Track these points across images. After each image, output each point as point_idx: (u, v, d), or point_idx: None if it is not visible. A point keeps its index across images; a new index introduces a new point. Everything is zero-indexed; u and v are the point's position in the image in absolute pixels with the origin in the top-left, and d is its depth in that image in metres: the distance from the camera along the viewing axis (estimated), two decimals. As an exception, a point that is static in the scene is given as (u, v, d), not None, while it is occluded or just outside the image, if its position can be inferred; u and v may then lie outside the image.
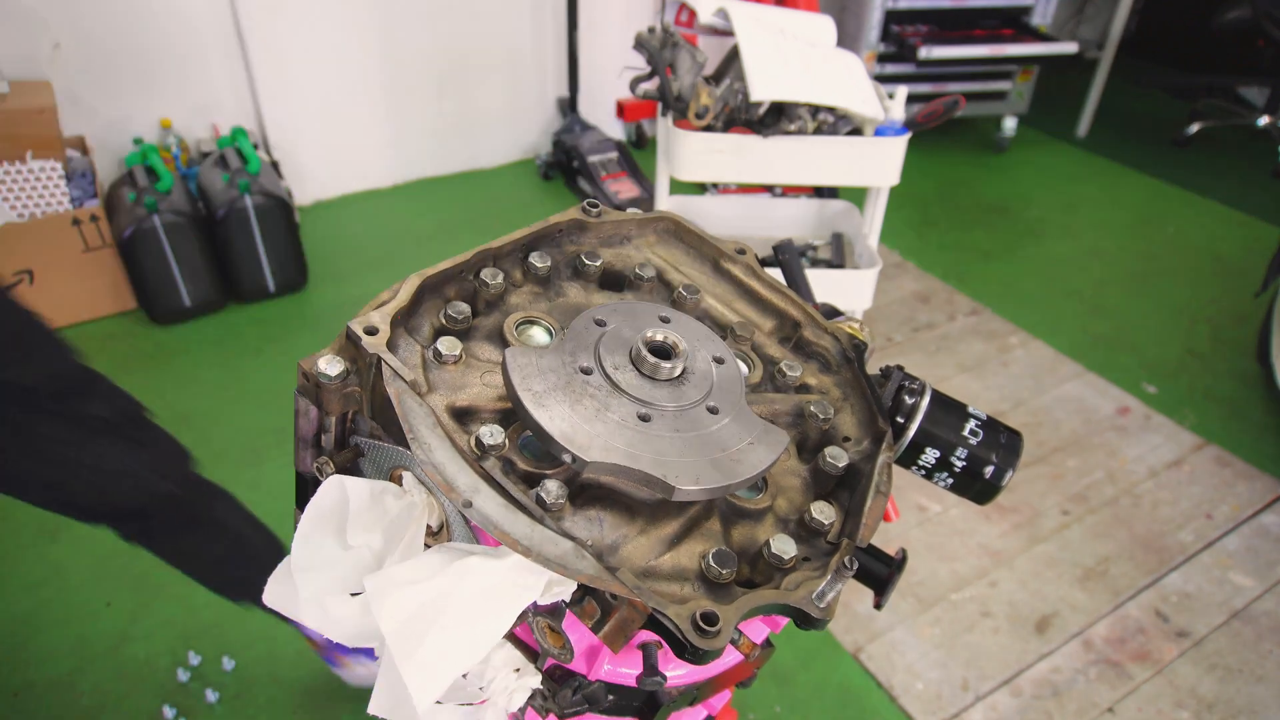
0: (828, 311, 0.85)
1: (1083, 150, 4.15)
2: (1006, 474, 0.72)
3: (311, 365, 0.61)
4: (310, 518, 0.61)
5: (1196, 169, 3.97)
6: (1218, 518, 2.19)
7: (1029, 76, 3.89)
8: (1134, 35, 4.81)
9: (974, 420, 0.72)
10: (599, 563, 0.55)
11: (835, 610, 0.58)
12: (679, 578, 0.59)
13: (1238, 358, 2.76)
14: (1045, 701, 1.74)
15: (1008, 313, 2.93)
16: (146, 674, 1.69)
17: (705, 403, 0.64)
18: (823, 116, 2.11)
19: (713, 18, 2.12)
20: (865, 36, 3.57)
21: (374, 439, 0.65)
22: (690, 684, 0.69)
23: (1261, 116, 3.84)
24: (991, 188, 3.78)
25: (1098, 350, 2.78)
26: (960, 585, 1.97)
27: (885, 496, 0.67)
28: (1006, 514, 2.17)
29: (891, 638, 1.85)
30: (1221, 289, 3.12)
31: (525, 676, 0.66)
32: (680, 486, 0.57)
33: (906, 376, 0.74)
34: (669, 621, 0.54)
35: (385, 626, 0.54)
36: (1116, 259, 3.30)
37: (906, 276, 3.12)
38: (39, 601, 1.81)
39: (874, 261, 2.20)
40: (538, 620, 0.59)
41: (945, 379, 2.61)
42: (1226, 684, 1.79)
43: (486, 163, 3.77)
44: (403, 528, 0.62)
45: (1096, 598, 1.96)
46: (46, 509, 1.23)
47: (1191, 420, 2.50)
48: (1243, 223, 3.57)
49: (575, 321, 0.66)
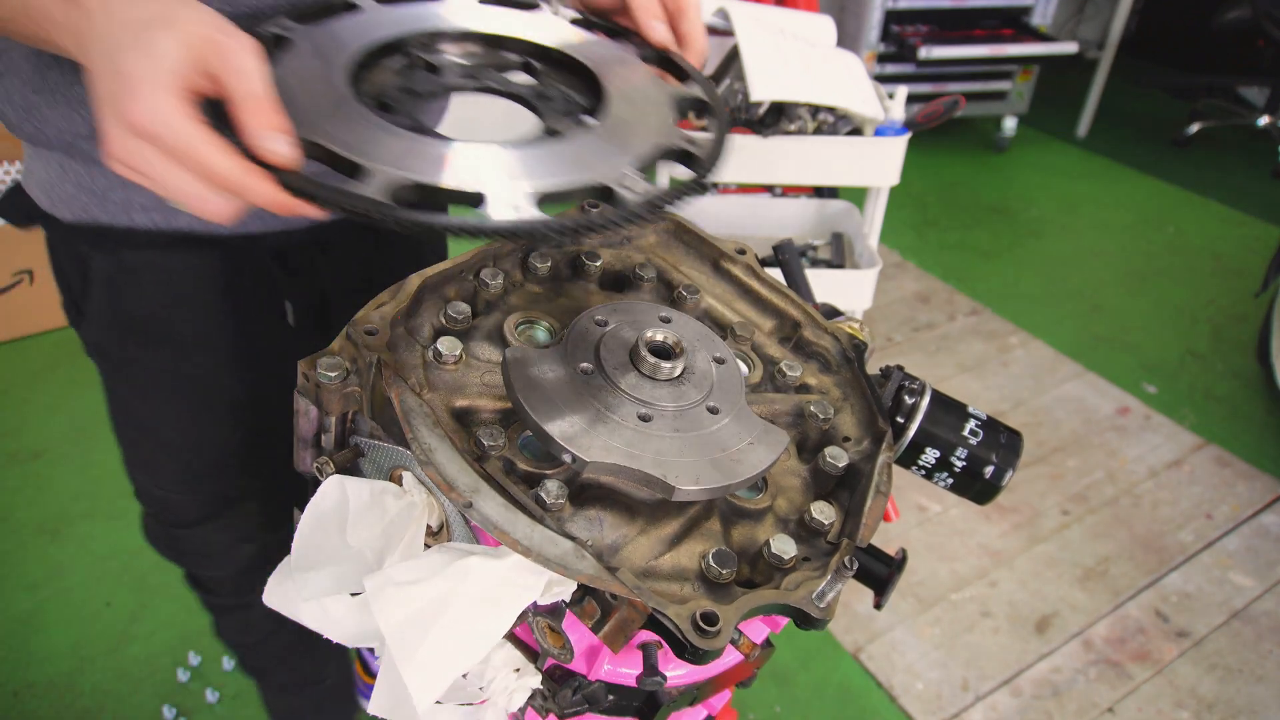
0: (828, 311, 0.85)
1: (1083, 150, 4.15)
2: (1006, 474, 0.72)
3: (311, 365, 0.61)
4: (310, 518, 0.61)
5: (1196, 169, 3.97)
6: (1218, 518, 2.19)
7: (1029, 76, 3.89)
8: (1134, 35, 4.81)
9: (974, 420, 0.72)
10: (599, 563, 0.55)
11: (835, 610, 0.58)
12: (679, 578, 0.59)
13: (1238, 358, 2.76)
14: (1045, 701, 1.75)
15: (1008, 313, 2.93)
16: (146, 674, 1.69)
17: (705, 403, 0.64)
18: (823, 116, 2.11)
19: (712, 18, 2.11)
20: (865, 36, 3.57)
21: (374, 439, 0.65)
22: (690, 684, 0.69)
23: (1261, 116, 3.84)
24: (991, 188, 3.78)
25: (1098, 350, 2.78)
26: (960, 585, 1.97)
27: (885, 496, 0.67)
28: (1006, 514, 2.17)
29: (891, 638, 1.85)
30: (1221, 289, 3.12)
31: (525, 676, 0.66)
32: (680, 486, 0.57)
33: (906, 376, 0.74)
34: (669, 621, 0.54)
35: (385, 627, 0.54)
36: (1116, 259, 3.30)
37: (906, 276, 3.12)
38: (39, 601, 1.81)
39: (874, 261, 2.20)
40: (538, 620, 0.59)
41: (945, 379, 2.61)
42: (1226, 684, 1.79)
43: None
44: (403, 528, 0.62)
45: (1096, 598, 1.96)
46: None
47: (1191, 420, 2.50)
48: (1243, 223, 3.57)
49: (575, 321, 0.66)
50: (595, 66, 0.74)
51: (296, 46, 0.65)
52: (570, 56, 0.76)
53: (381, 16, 0.73)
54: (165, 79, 0.50)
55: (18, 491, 2.05)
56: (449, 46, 0.76)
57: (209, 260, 0.90)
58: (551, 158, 0.61)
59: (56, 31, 0.57)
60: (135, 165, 0.52)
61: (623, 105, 0.70)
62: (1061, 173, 3.96)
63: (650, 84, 0.75)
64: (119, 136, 0.51)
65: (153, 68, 0.50)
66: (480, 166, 0.57)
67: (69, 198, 0.86)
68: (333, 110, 0.59)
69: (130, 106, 0.50)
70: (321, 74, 0.62)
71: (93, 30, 0.53)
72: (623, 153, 0.63)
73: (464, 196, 0.55)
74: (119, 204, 0.85)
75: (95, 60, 0.53)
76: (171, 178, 0.52)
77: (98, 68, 0.52)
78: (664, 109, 0.72)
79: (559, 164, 0.60)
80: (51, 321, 2.53)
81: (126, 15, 0.53)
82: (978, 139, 4.17)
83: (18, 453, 2.15)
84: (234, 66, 0.52)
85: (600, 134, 0.66)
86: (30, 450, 2.16)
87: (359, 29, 0.70)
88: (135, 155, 0.51)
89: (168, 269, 0.89)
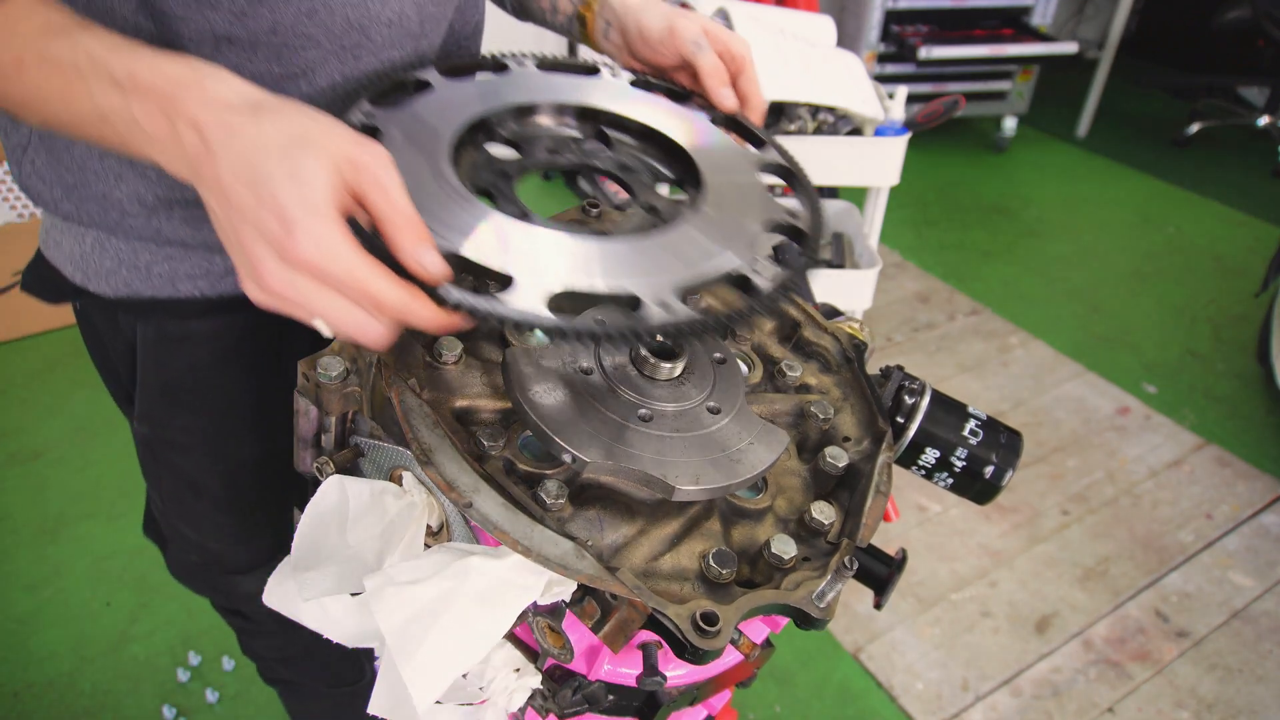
0: (828, 311, 0.85)
1: (1083, 150, 4.15)
2: (1006, 474, 0.72)
3: (311, 365, 0.61)
4: (310, 518, 0.61)
5: (1196, 169, 3.97)
6: (1218, 518, 2.19)
7: (1029, 76, 3.89)
8: (1134, 35, 4.81)
9: (974, 420, 0.72)
10: (599, 563, 0.55)
11: (835, 610, 0.58)
12: (679, 578, 0.59)
13: (1238, 358, 2.76)
14: (1045, 701, 1.75)
15: (1008, 313, 2.93)
16: (146, 674, 1.69)
17: (705, 403, 0.64)
18: (823, 116, 2.11)
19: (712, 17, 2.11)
20: (865, 36, 3.57)
21: (374, 439, 0.65)
22: (690, 684, 0.69)
23: (1261, 116, 3.84)
24: (991, 188, 3.78)
25: (1098, 350, 2.78)
26: (960, 585, 1.97)
27: (885, 496, 0.67)
28: (1006, 514, 2.17)
29: (891, 638, 1.85)
30: (1221, 289, 3.12)
31: (525, 676, 0.66)
32: (680, 486, 0.57)
33: (906, 376, 0.74)
34: (669, 621, 0.54)
35: (385, 627, 0.54)
36: (1116, 259, 3.30)
37: (906, 276, 3.12)
38: (39, 601, 1.81)
39: (874, 261, 2.20)
40: (538, 620, 0.59)
41: (945, 379, 2.61)
42: (1226, 684, 1.79)
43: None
44: (403, 528, 0.62)
45: (1096, 598, 1.96)
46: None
47: (1191, 420, 2.50)
48: (1243, 223, 3.57)
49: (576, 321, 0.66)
50: (673, 133, 0.75)
51: (389, 137, 0.64)
52: (648, 126, 0.76)
53: (455, 94, 0.73)
54: (324, 209, 0.48)
55: (17, 491, 2.05)
56: (527, 121, 0.76)
57: (251, 319, 0.87)
58: (679, 247, 0.61)
59: (154, 148, 0.53)
60: (292, 298, 0.49)
61: (716, 178, 0.70)
62: (1061, 173, 3.95)
63: (732, 152, 0.75)
64: (277, 271, 0.49)
65: (307, 197, 0.48)
66: (620, 266, 0.58)
67: (107, 272, 0.82)
68: (456, 210, 0.58)
69: (294, 242, 0.47)
70: (430, 170, 0.62)
71: (217, 155, 0.50)
72: (739, 235, 0.64)
73: (619, 300, 0.56)
74: (164, 276, 0.82)
75: (230, 189, 0.49)
76: (334, 309, 0.49)
77: (237, 198, 0.49)
78: (754, 179, 0.72)
79: (689, 255, 0.61)
80: (51, 321, 2.53)
81: (259, 139, 0.49)
82: (978, 139, 4.17)
83: (18, 453, 2.15)
84: (379, 184, 0.50)
85: (712, 216, 0.65)
86: (30, 450, 2.16)
87: (440, 111, 0.70)
88: (293, 288, 0.49)
89: (213, 332, 0.86)
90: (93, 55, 0.52)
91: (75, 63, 0.53)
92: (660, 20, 0.82)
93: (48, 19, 0.54)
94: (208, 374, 0.89)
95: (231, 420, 0.93)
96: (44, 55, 0.53)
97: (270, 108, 0.51)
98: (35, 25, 0.54)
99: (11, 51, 0.54)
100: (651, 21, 0.83)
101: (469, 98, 0.73)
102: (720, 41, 0.83)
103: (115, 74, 0.52)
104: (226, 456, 0.95)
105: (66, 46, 0.53)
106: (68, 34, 0.54)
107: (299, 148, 0.49)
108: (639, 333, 0.54)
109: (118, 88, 0.52)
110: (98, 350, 0.93)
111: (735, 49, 0.83)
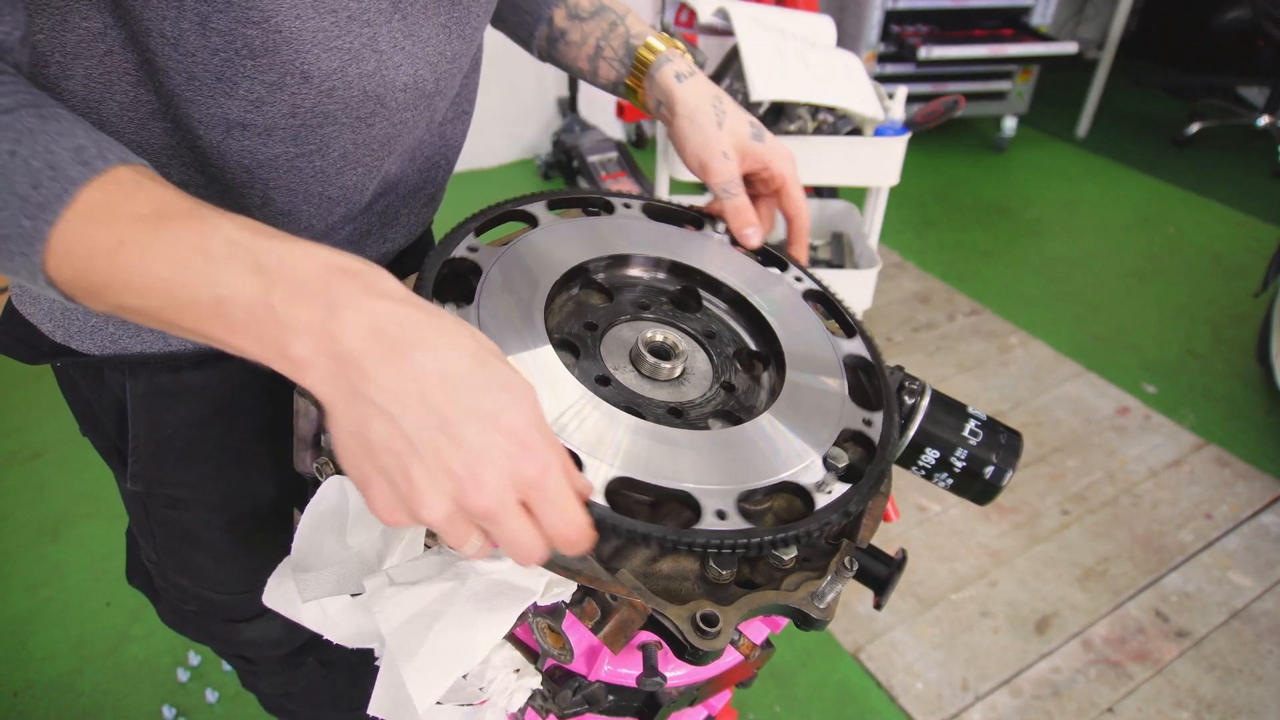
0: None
1: (1083, 150, 4.15)
2: (1006, 474, 0.72)
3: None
4: (310, 518, 0.61)
5: (1196, 169, 3.97)
6: (1218, 518, 2.19)
7: (1029, 76, 3.89)
8: (1134, 35, 4.81)
9: (974, 420, 0.72)
10: (599, 563, 0.55)
11: (835, 611, 0.58)
12: (679, 578, 0.59)
13: (1238, 358, 2.76)
14: (1045, 701, 1.75)
15: (1008, 313, 2.93)
16: (146, 674, 1.69)
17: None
18: (823, 116, 2.11)
19: (712, 18, 2.11)
20: (865, 36, 3.57)
21: (374, 439, 0.65)
22: (690, 684, 0.69)
23: (1261, 116, 3.84)
24: (991, 188, 3.78)
25: (1097, 350, 2.78)
26: (960, 585, 1.97)
27: (885, 496, 0.67)
28: (1006, 514, 2.17)
29: (891, 638, 1.85)
30: (1221, 289, 3.12)
31: (525, 677, 0.66)
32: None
33: (906, 377, 0.74)
34: (669, 622, 0.54)
35: (385, 628, 0.54)
36: (1116, 259, 3.30)
37: (906, 276, 3.12)
38: (39, 601, 1.81)
39: (874, 261, 2.20)
40: (538, 621, 0.59)
41: (945, 379, 2.61)
42: (1226, 684, 1.79)
43: (486, 162, 3.77)
44: (403, 529, 0.62)
45: (1096, 598, 1.96)
46: None
47: (1191, 420, 2.50)
48: (1243, 223, 3.57)
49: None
50: (761, 306, 0.75)
51: (489, 279, 0.65)
52: (739, 293, 0.76)
53: (557, 236, 0.72)
54: (502, 463, 0.46)
55: (18, 492, 2.05)
56: (622, 269, 0.76)
57: (248, 366, 0.82)
58: (747, 448, 0.61)
59: (282, 342, 0.48)
60: (461, 537, 0.49)
61: (798, 366, 0.69)
62: (1061, 173, 3.95)
63: (819, 336, 0.74)
64: (453, 517, 0.47)
65: (483, 453, 0.46)
66: (687, 461, 0.58)
67: (93, 329, 0.76)
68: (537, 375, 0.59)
69: (475, 495, 0.46)
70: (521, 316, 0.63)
71: (365, 396, 0.47)
72: (810, 442, 0.63)
73: (677, 496, 0.57)
74: (155, 330, 0.76)
75: (412, 435, 0.46)
76: (510, 538, 0.48)
77: (401, 448, 0.46)
78: (837, 377, 0.71)
79: (755, 457, 0.61)
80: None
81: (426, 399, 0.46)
82: (978, 139, 4.17)
83: (18, 453, 2.15)
84: (542, 465, 0.48)
85: (787, 414, 0.65)
86: (30, 450, 2.16)
87: (540, 254, 0.70)
88: (462, 529, 0.48)
89: (208, 384, 0.82)
90: (232, 239, 0.47)
91: (205, 247, 0.47)
92: (698, 149, 0.81)
93: (163, 199, 0.48)
94: (205, 428, 0.84)
95: (233, 472, 0.89)
96: (156, 236, 0.47)
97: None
98: (147, 206, 0.48)
99: (114, 234, 0.47)
100: (689, 144, 0.81)
101: (571, 239, 0.73)
102: (760, 161, 0.81)
103: (262, 259, 0.47)
104: (228, 508, 0.91)
105: (192, 229, 0.47)
106: (199, 217, 0.48)
107: (477, 421, 0.47)
108: (691, 544, 0.54)
109: (261, 273, 0.47)
110: (81, 409, 0.88)
111: (776, 168, 0.82)
